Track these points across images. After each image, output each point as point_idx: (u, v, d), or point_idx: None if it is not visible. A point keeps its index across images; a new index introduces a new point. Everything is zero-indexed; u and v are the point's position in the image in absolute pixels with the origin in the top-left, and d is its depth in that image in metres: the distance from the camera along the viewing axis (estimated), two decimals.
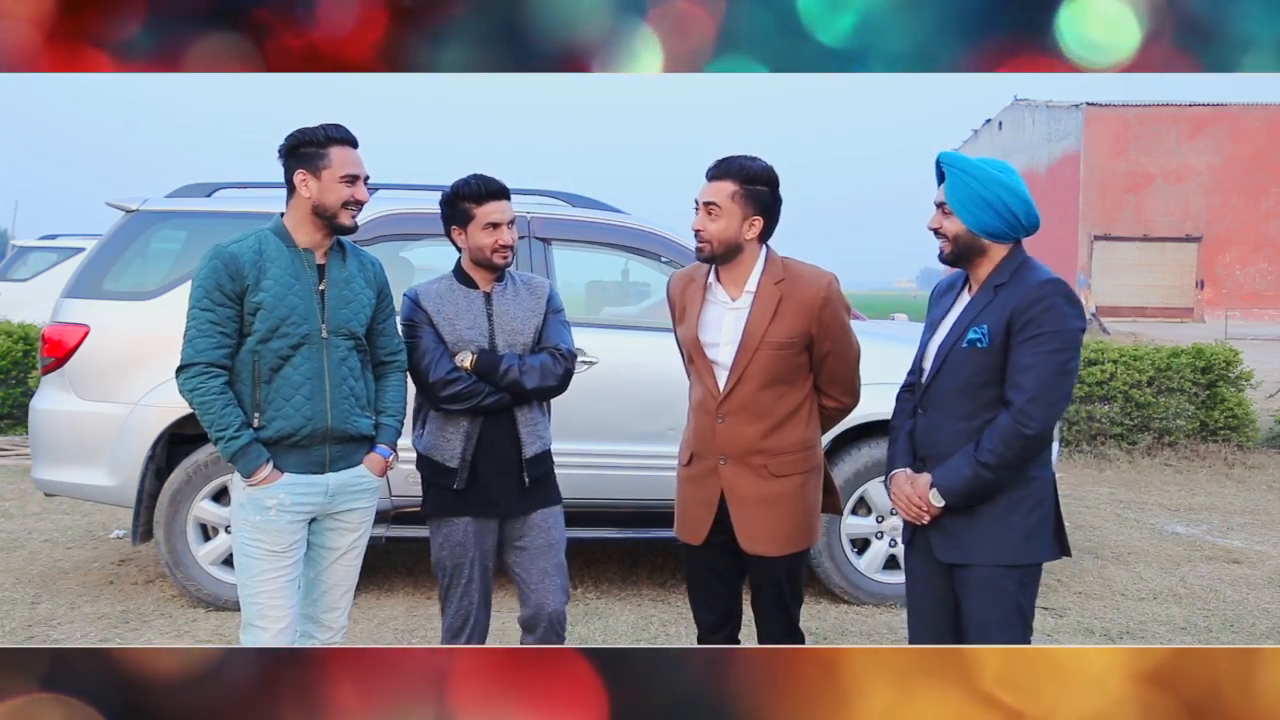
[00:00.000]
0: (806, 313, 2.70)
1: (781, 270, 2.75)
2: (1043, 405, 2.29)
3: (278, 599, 2.66)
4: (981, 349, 2.37)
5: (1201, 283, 32.30)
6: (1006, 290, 2.37)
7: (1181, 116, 32.25)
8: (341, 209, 2.66)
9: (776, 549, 2.75)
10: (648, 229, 4.72)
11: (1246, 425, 8.25)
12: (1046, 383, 2.30)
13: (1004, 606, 2.36)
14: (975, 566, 2.39)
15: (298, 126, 2.69)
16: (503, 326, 2.96)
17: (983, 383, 2.38)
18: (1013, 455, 2.32)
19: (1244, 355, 8.43)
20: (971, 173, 2.38)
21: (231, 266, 2.59)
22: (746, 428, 2.73)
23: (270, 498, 2.64)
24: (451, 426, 2.94)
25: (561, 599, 3.03)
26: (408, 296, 3.00)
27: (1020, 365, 2.32)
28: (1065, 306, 2.32)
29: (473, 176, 2.94)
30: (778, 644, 2.89)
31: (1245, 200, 32.00)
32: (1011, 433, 2.31)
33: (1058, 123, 33.97)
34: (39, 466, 4.52)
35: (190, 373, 2.60)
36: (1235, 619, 4.55)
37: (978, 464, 2.34)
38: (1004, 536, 2.37)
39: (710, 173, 2.73)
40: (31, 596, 4.54)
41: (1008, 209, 2.35)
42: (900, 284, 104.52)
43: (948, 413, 2.44)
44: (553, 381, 2.94)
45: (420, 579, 4.94)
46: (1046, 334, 2.30)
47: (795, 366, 2.74)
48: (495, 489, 2.95)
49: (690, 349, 2.82)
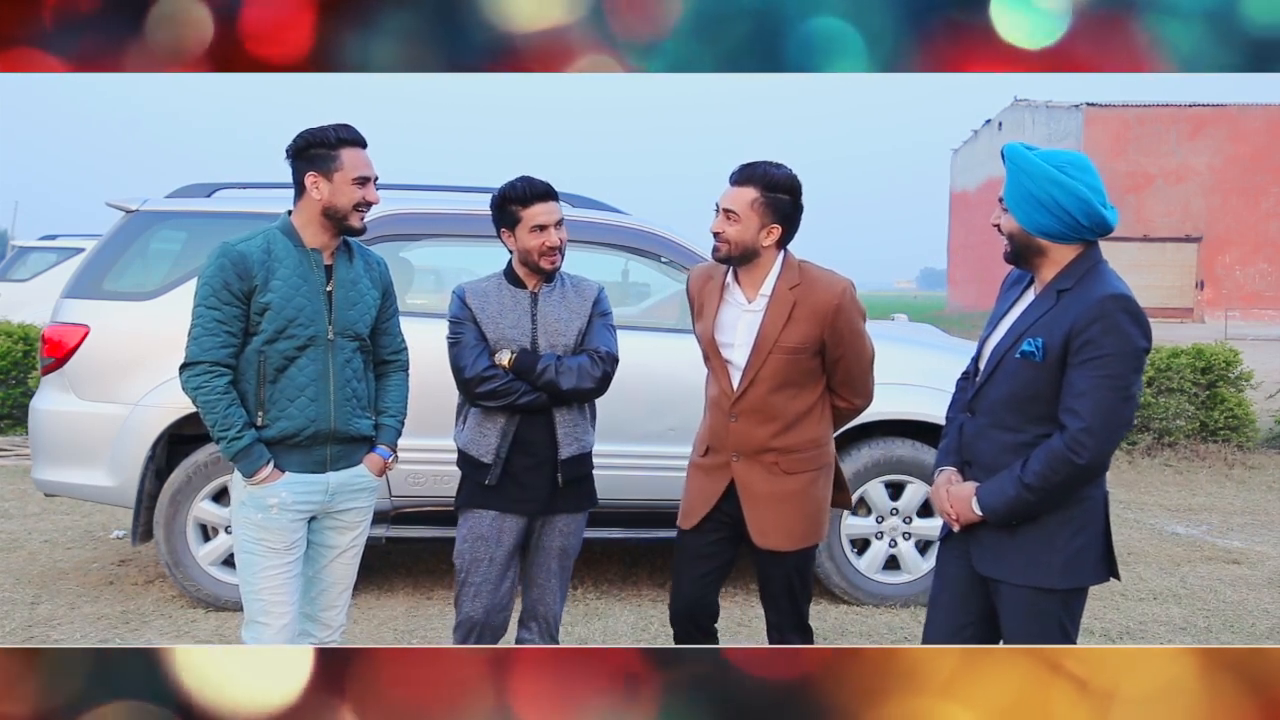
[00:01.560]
0: (819, 319, 2.72)
1: (798, 275, 2.77)
2: (1099, 435, 2.15)
3: (279, 595, 2.67)
4: (1035, 362, 2.23)
5: (1201, 283, 32.29)
6: (1069, 298, 2.21)
7: (1181, 117, 32.24)
8: (353, 211, 2.66)
9: (788, 544, 2.80)
10: (648, 229, 4.72)
11: (1246, 425, 8.25)
12: (1105, 411, 2.15)
13: (1045, 624, 2.27)
14: (1014, 585, 2.29)
15: (298, 127, 2.69)
16: (545, 327, 2.97)
17: (1031, 397, 2.25)
18: (1060, 480, 2.19)
19: (1244, 355, 8.42)
20: (1025, 168, 2.23)
21: (240, 265, 2.59)
22: (758, 428, 2.78)
23: (271, 496, 2.65)
24: (489, 423, 2.96)
25: (560, 602, 3.11)
26: (455, 293, 3.02)
27: (1077, 389, 2.17)
28: (1129, 326, 2.15)
29: (519, 179, 2.94)
30: (786, 638, 2.94)
31: (1245, 200, 31.99)
32: (1062, 459, 2.18)
33: (1058, 123, 33.95)
34: (39, 467, 4.52)
35: (194, 371, 2.60)
36: (1235, 619, 4.55)
37: (1022, 485, 2.22)
38: (1046, 560, 2.25)
39: (734, 177, 2.75)
40: (31, 597, 4.54)
41: (1061, 208, 2.19)
42: (900, 284, 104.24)
43: (993, 421, 2.33)
44: (589, 384, 2.93)
45: (420, 579, 4.94)
46: (1106, 357, 2.14)
47: (807, 370, 2.77)
48: (528, 486, 2.96)
49: (706, 347, 2.87)
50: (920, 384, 4.49)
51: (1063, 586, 2.26)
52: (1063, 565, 2.25)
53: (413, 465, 4.20)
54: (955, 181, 40.30)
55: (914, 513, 4.60)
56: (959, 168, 39.59)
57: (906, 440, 4.54)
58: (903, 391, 4.49)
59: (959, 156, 39.64)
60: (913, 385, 4.51)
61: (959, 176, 39.55)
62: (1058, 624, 2.28)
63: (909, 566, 4.63)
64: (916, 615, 4.49)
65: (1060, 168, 2.20)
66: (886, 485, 4.58)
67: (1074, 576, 2.27)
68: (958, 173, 39.80)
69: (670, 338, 4.59)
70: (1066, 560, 2.25)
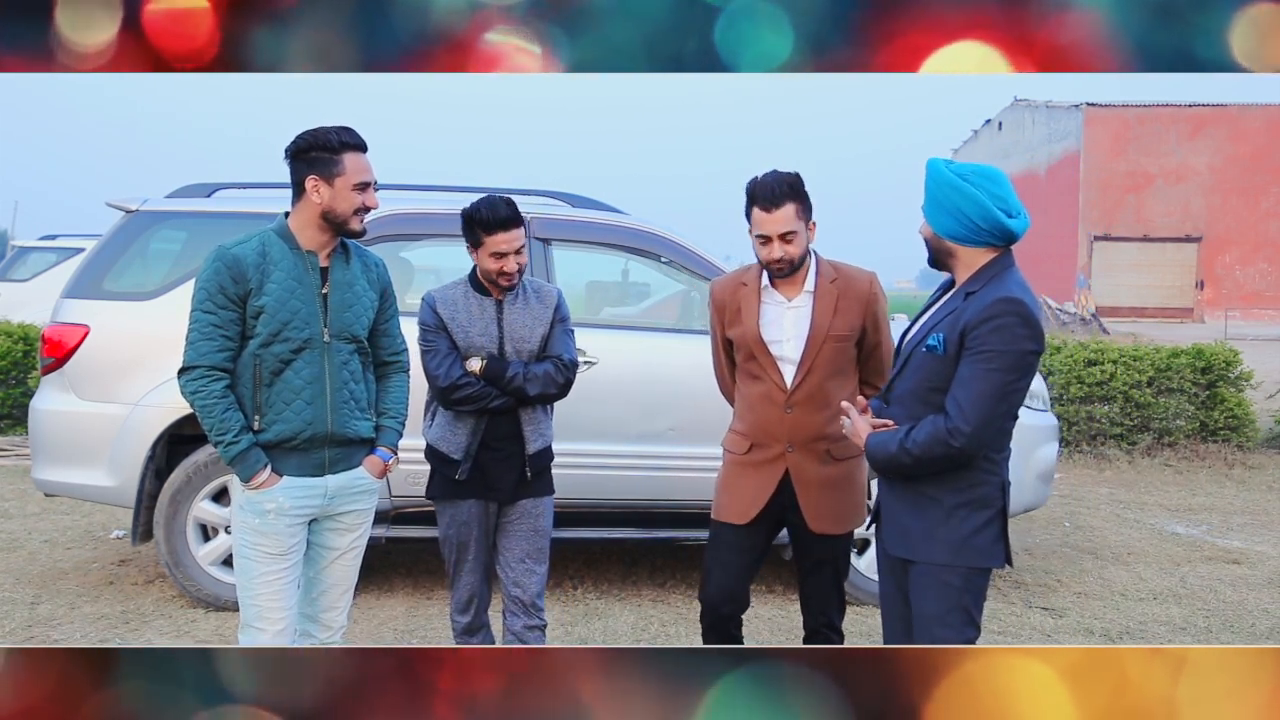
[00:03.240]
0: (862, 307, 2.95)
1: (832, 270, 2.97)
2: (974, 423, 2.28)
3: (276, 600, 2.67)
4: (938, 355, 2.38)
5: (1201, 283, 32.31)
6: (974, 299, 2.36)
7: (1181, 117, 32.26)
8: (353, 215, 2.66)
9: (840, 527, 2.98)
10: (648, 229, 4.72)
11: (1246, 425, 8.26)
12: (982, 402, 2.28)
13: (947, 602, 2.39)
14: (920, 563, 2.44)
15: (298, 127, 2.67)
16: (511, 334, 3.13)
17: (934, 388, 2.40)
18: (934, 456, 2.34)
19: (1244, 355, 8.44)
20: (934, 177, 2.41)
21: (235, 269, 2.58)
22: (815, 415, 2.93)
23: (269, 501, 2.64)
24: (459, 422, 3.13)
25: (538, 585, 3.21)
26: (425, 300, 3.16)
27: (961, 379, 2.33)
28: (1018, 327, 2.28)
29: (483, 202, 3.04)
30: (831, 623, 3.10)
31: (1245, 200, 32.01)
32: (940, 440, 2.32)
33: (1057, 123, 33.97)
34: (39, 467, 4.51)
35: (192, 375, 2.60)
36: (1235, 619, 4.55)
37: (902, 448, 2.38)
38: (943, 538, 2.39)
39: (766, 202, 2.82)
40: (31, 597, 4.54)
41: (961, 213, 2.36)
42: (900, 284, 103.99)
43: (903, 411, 2.48)
44: (553, 390, 3.14)
45: (420, 579, 4.94)
46: (991, 352, 2.28)
47: (850, 358, 2.99)
48: (496, 478, 3.14)
49: (753, 347, 2.97)
50: None
51: (958, 563, 2.39)
52: (959, 543, 2.39)
53: (413, 466, 4.19)
54: None
55: None
56: None
57: None
58: None
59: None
60: None
61: None
62: (958, 603, 2.40)
63: None
64: None
65: (964, 177, 2.38)
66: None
67: (969, 555, 2.39)
68: None
69: (670, 338, 4.59)
70: (963, 539, 2.39)
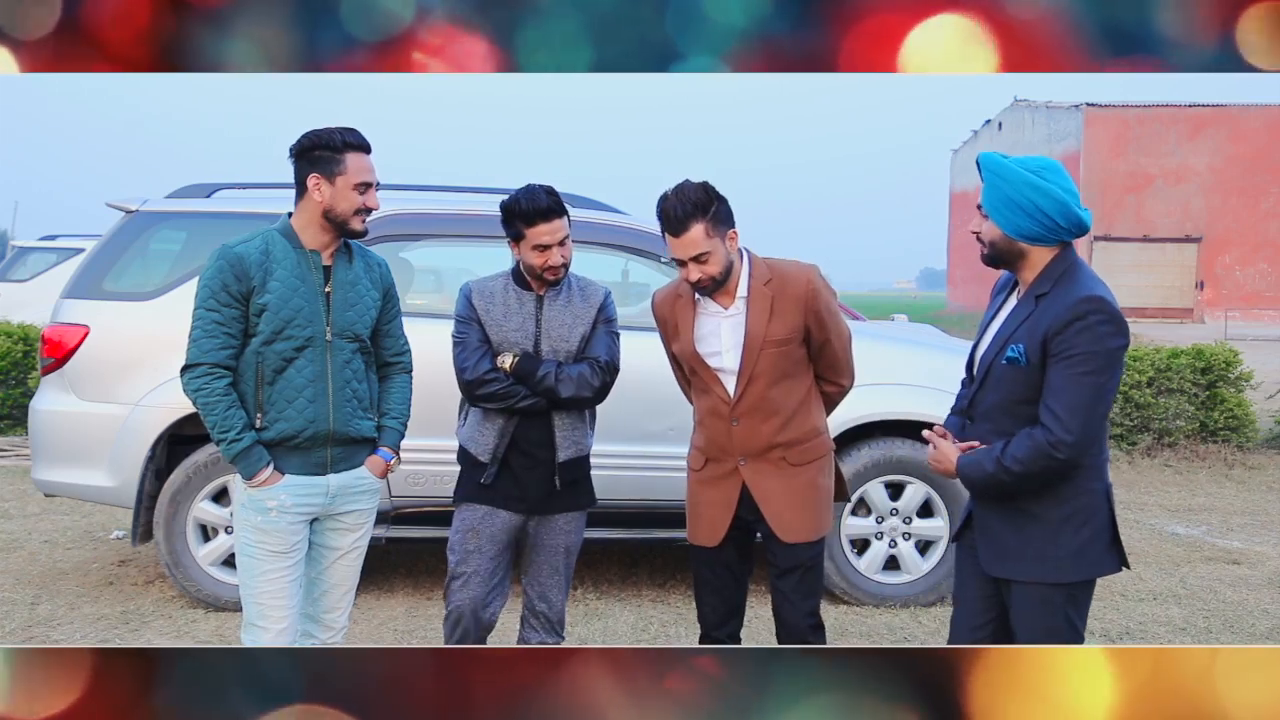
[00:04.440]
0: (799, 307, 2.78)
1: (767, 271, 2.82)
2: (1076, 433, 2.22)
3: (279, 599, 2.67)
4: (1020, 367, 2.31)
5: (1201, 283, 32.28)
6: (1046, 302, 2.29)
7: (1181, 117, 32.23)
8: (354, 215, 2.67)
9: (808, 535, 2.84)
10: (648, 229, 4.72)
11: (1246, 426, 8.25)
12: (1080, 408, 2.22)
13: (1052, 619, 2.32)
14: (1022, 584, 2.34)
15: (299, 127, 2.69)
16: (549, 332, 2.98)
17: (1022, 400, 2.32)
18: (1036, 470, 2.26)
19: (1244, 356, 8.43)
20: (1002, 174, 2.31)
21: (238, 267, 2.59)
22: (762, 425, 2.81)
23: (271, 499, 2.64)
24: (489, 423, 2.99)
25: (563, 598, 3.13)
26: (463, 291, 3.04)
27: (1053, 387, 2.25)
28: (1102, 325, 2.22)
29: (522, 193, 2.91)
30: (801, 635, 2.92)
31: (1245, 201, 31.97)
32: (1042, 452, 2.25)
33: (1057, 123, 33.95)
34: (39, 467, 4.52)
35: (195, 373, 2.61)
36: (1235, 619, 4.55)
37: (1000, 465, 2.29)
38: (1052, 556, 2.30)
39: (674, 228, 2.69)
40: (31, 597, 4.54)
41: (1040, 211, 2.27)
42: (900, 284, 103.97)
43: (992, 426, 2.40)
44: (588, 393, 2.96)
45: (420, 579, 4.94)
46: (1080, 355, 2.21)
47: (796, 360, 2.83)
48: (524, 486, 2.98)
49: (691, 362, 2.87)
50: (920, 384, 4.49)
51: (1069, 580, 2.31)
52: (1069, 560, 2.31)
53: (413, 466, 4.20)
54: (955, 181, 40.31)
55: (914, 513, 4.60)
56: (959, 168, 39.59)
57: (906, 440, 4.53)
58: (903, 392, 4.50)
59: (959, 156, 39.65)
60: (913, 385, 4.51)
61: (959, 176, 39.55)
62: (1064, 619, 2.32)
63: (909, 567, 4.63)
64: (916, 615, 4.49)
65: (1035, 172, 2.30)
66: (886, 486, 4.58)
67: (1080, 569, 2.32)
68: (958, 173, 39.80)
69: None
70: (1073, 554, 2.31)
